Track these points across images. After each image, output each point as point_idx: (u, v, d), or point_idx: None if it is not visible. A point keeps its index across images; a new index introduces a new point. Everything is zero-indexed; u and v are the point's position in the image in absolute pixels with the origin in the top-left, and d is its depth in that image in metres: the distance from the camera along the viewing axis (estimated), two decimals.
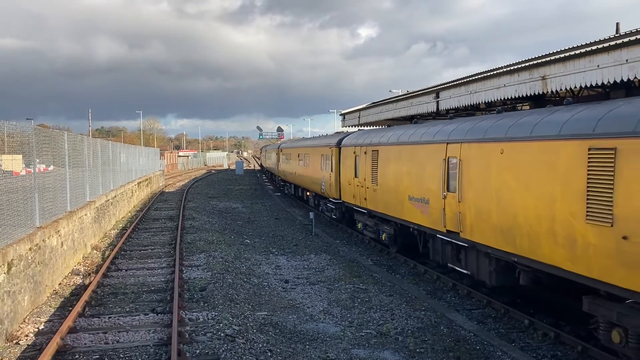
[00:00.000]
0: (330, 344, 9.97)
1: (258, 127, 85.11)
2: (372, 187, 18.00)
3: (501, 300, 11.91)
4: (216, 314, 10.76)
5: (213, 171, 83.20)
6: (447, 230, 12.80)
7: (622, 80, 9.10)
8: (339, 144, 22.66)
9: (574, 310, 9.91)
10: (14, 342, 9.34)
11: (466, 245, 12.21)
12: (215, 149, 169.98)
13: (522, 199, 9.95)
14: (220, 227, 23.52)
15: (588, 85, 10.05)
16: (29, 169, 12.83)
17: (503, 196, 10.55)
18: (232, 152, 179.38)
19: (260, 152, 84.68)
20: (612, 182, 7.85)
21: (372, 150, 18.05)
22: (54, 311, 11.22)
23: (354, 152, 20.15)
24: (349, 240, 21.06)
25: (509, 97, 12.69)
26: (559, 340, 9.85)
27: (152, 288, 12.90)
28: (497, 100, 13.42)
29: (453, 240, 12.70)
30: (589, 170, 8.31)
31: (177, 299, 11.26)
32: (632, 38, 8.88)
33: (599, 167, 8.12)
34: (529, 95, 11.90)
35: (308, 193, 30.46)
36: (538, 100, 13.18)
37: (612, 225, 7.82)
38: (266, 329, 10.41)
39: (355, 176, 19.89)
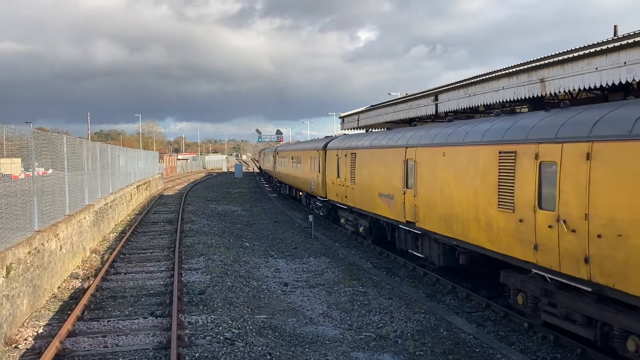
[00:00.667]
0: (329, 347, 9.96)
1: (257, 130, 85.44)
2: (351, 186, 20.28)
3: (500, 303, 11.92)
4: (215, 317, 10.74)
5: (214, 174, 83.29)
6: (407, 221, 15.11)
7: (620, 83, 9.11)
8: (324, 148, 24.99)
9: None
10: (13, 346, 9.33)
11: (420, 232, 14.49)
12: (214, 152, 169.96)
13: (458, 192, 12.24)
14: (219, 231, 23.50)
15: (586, 88, 10.06)
16: (28, 173, 12.82)
17: (445, 190, 12.87)
18: (231, 155, 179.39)
19: (259, 155, 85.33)
20: (513, 178, 10.12)
21: (351, 153, 20.39)
22: (52, 315, 11.20)
23: (337, 155, 22.49)
24: (348, 243, 21.05)
25: (508, 100, 12.71)
26: (558, 342, 9.85)
27: (152, 291, 12.89)
28: (496, 102, 13.43)
29: (411, 229, 14.98)
30: (499, 168, 10.56)
31: (176, 302, 11.25)
32: (630, 40, 8.90)
33: (505, 166, 10.38)
34: (527, 97, 11.91)
35: (301, 193, 32.63)
36: (537, 103, 13.19)
37: (513, 212, 10.09)
38: (265, 332, 10.40)
39: (338, 176, 22.17)
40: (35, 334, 9.97)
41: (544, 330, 10.20)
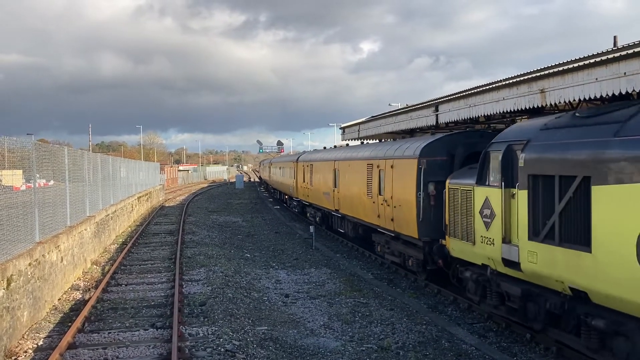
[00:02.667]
0: (331, 359, 9.91)
1: (258, 141, 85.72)
2: (310, 188, 28.27)
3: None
4: (216, 329, 10.70)
5: (221, 182, 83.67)
6: (335, 209, 22.80)
7: (620, 93, 9.12)
8: (297, 160, 32.82)
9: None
10: (13, 358, 9.29)
11: (341, 216, 22.23)
12: (215, 163, 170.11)
13: (354, 188, 19.79)
14: (220, 242, 23.48)
15: (587, 98, 10.07)
16: (29, 184, 12.83)
17: (349, 188, 20.56)
18: (232, 166, 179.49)
19: (259, 166, 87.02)
20: (371, 178, 17.69)
21: (310, 165, 28.53)
22: (53, 327, 11.16)
23: (303, 166, 30.46)
24: (349, 254, 21.02)
25: (508, 110, 12.71)
26: (561, 354, 9.78)
27: (152, 303, 12.84)
28: (496, 113, 13.42)
29: (337, 214, 22.74)
30: (367, 173, 18.17)
31: (177, 314, 11.21)
32: (630, 51, 8.91)
33: (369, 172, 17.99)
34: (528, 108, 11.92)
35: (286, 196, 39.64)
36: (537, 113, 13.18)
37: (371, 197, 17.58)
38: (266, 344, 10.35)
39: (304, 181, 29.97)
40: (35, 346, 9.93)
41: (546, 341, 10.16)
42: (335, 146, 29.64)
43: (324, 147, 32.43)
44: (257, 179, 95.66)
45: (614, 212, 7.61)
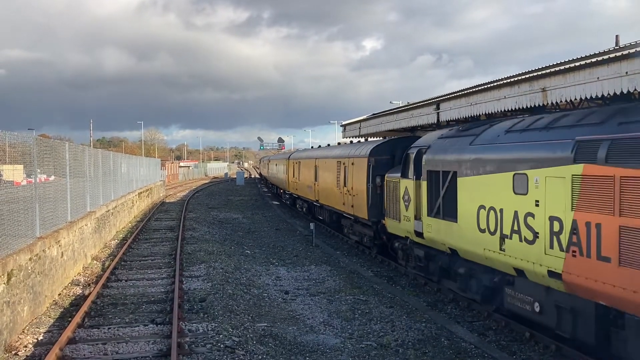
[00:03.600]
0: (330, 356, 9.92)
1: (259, 138, 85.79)
2: (298, 182, 32.73)
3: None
4: (216, 325, 10.72)
5: (221, 179, 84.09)
6: (316, 200, 26.98)
7: (622, 92, 9.11)
8: (289, 158, 37.36)
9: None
10: (13, 352, 9.31)
11: (320, 205, 26.48)
12: (216, 160, 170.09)
13: (329, 181, 23.83)
14: (220, 238, 23.50)
15: (588, 97, 10.05)
16: (30, 179, 12.84)
17: (326, 181, 24.58)
18: (233, 162, 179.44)
19: (260, 163, 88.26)
20: (340, 173, 21.71)
21: (298, 162, 32.88)
22: (53, 322, 11.19)
23: (293, 163, 34.90)
24: (350, 251, 21.02)
25: (509, 109, 12.69)
26: (560, 353, 9.80)
27: (152, 299, 12.87)
28: (498, 111, 13.40)
29: (317, 204, 27.02)
30: (337, 169, 22.22)
31: (176, 309, 11.23)
32: (632, 50, 8.90)
33: (338, 168, 22.03)
34: (529, 107, 11.90)
35: (281, 190, 44.11)
36: (538, 112, 13.14)
37: (340, 189, 21.57)
38: (266, 341, 10.37)
39: (293, 176, 34.41)
40: (36, 340, 9.95)
41: (546, 341, 10.18)
42: (320, 146, 33.52)
43: (311, 147, 38.02)
44: (257, 176, 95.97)
45: (467, 195, 11.33)
